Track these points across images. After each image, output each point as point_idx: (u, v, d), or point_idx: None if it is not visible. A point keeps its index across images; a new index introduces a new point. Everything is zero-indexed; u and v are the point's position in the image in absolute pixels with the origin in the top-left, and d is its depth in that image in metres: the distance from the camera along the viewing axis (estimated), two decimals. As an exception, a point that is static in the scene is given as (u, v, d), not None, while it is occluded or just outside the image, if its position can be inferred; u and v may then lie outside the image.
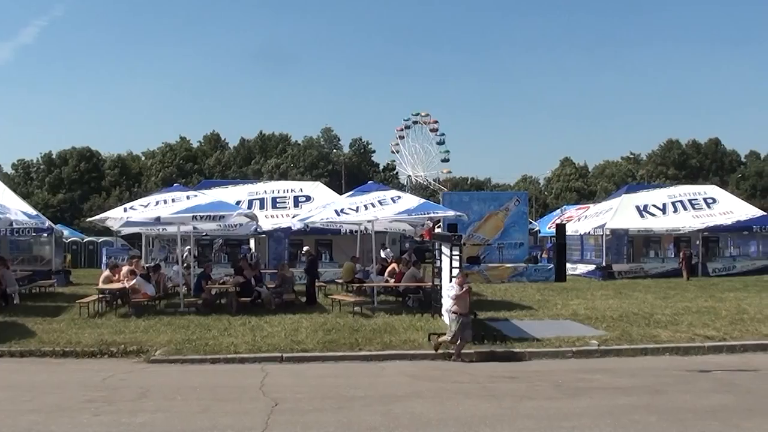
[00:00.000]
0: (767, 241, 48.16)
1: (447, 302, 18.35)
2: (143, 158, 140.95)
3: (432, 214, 28.33)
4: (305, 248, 36.70)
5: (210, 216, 26.65)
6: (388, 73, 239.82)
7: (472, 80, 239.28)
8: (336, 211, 28.61)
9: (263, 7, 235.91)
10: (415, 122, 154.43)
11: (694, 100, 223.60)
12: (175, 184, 33.85)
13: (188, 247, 32.50)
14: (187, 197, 27.50)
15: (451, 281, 19.03)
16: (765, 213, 49.33)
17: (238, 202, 37.44)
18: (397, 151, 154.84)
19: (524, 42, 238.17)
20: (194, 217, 26.45)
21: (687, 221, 46.92)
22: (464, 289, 18.37)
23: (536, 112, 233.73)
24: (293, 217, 36.98)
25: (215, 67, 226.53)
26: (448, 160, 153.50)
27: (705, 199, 49.65)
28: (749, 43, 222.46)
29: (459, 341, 18.09)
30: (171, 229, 30.40)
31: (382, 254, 34.35)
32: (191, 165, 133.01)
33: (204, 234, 35.52)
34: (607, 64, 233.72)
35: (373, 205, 28.01)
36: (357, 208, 28.26)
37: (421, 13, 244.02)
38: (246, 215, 28.54)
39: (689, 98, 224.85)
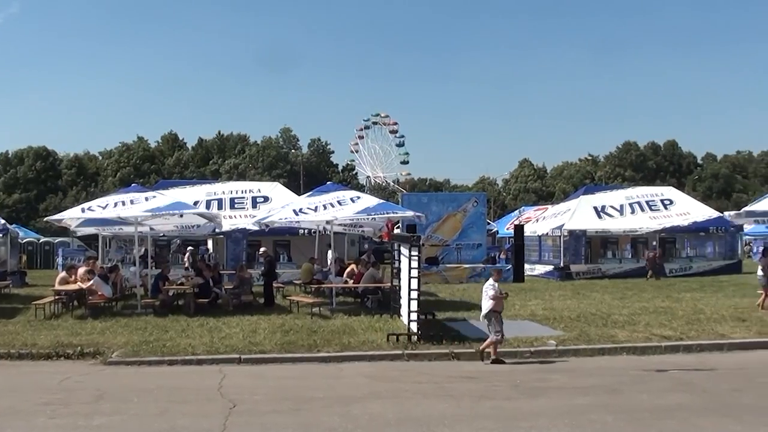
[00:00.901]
0: (723, 242, 48.59)
1: (487, 303, 18.18)
2: (100, 158, 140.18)
3: (391, 214, 28.31)
4: (262, 249, 36.63)
5: (170, 215, 26.55)
6: (346, 74, 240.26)
7: (431, 81, 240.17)
8: (295, 210, 28.51)
9: (221, 7, 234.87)
10: (375, 123, 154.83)
11: (653, 103, 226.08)
12: (132, 185, 33.61)
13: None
14: (146, 198, 27.33)
15: (489, 281, 18.74)
16: (721, 214, 49.55)
17: (196, 203, 37.26)
18: (357, 151, 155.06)
19: (483, 44, 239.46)
20: (181, 216, 26.29)
21: (644, 222, 47.22)
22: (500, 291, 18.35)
23: (495, 113, 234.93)
24: (252, 217, 36.86)
25: (173, 67, 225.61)
26: (407, 162, 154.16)
27: (662, 201, 49.96)
28: (705, 47, 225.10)
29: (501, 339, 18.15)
30: (128, 230, 30.17)
31: (329, 255, 34.35)
32: (149, 165, 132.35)
33: (161, 234, 35.31)
34: (566, 66, 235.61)
35: (332, 205, 27.93)
36: (316, 207, 28.18)
37: (380, 14, 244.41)
38: (208, 216, 28.40)
39: (647, 101, 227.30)
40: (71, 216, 27.96)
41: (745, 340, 20.06)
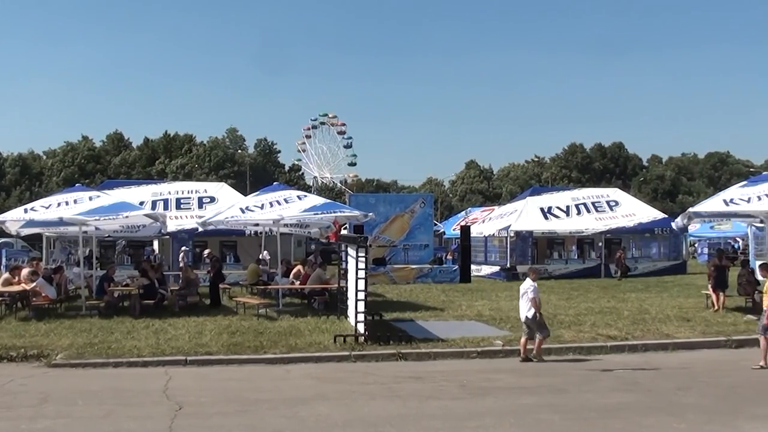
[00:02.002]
0: (668, 242, 49.04)
1: (525, 305, 18.17)
2: (44, 157, 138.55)
3: (338, 214, 28.28)
4: (207, 251, 36.44)
5: (114, 217, 26.26)
6: (293, 74, 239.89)
7: (378, 83, 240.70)
8: (241, 209, 28.39)
9: (165, 6, 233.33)
10: (323, 123, 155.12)
11: (599, 105, 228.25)
12: (77, 185, 33.23)
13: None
14: (90, 198, 27.00)
15: (528, 282, 18.48)
16: (666, 216, 50.25)
17: (141, 203, 36.85)
18: (304, 150, 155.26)
19: (430, 46, 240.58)
20: (126, 216, 26.00)
21: (590, 223, 47.51)
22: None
23: (442, 115, 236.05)
24: (198, 218, 36.65)
25: (118, 66, 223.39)
26: (355, 164, 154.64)
27: (608, 202, 50.23)
28: (650, 51, 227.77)
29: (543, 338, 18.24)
30: (72, 230, 29.82)
31: (261, 256, 34.22)
32: (94, 165, 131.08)
33: (106, 235, 34.97)
34: (512, 69, 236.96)
35: (279, 203, 27.80)
36: (262, 205, 28.05)
37: (329, 14, 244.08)
38: (153, 216, 28.14)
39: (594, 103, 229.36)
40: (13, 217, 27.56)
41: (689, 339, 20.31)
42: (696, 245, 70.15)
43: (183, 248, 33.04)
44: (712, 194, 34.02)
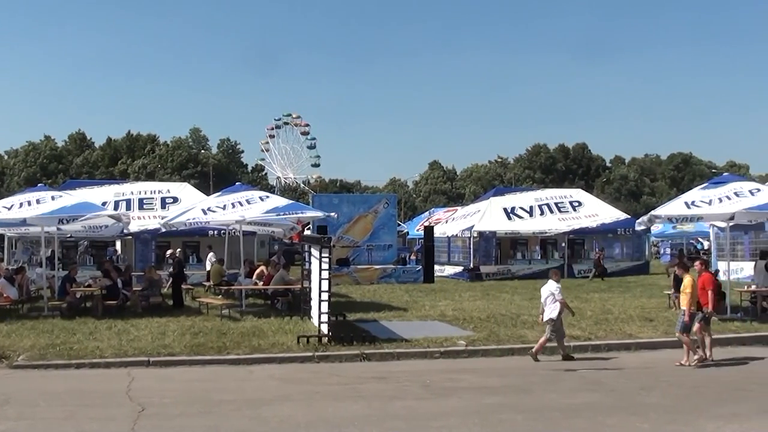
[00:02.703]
0: (631, 243, 49.33)
1: (551, 306, 18.32)
2: (6, 157, 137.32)
3: (301, 214, 28.26)
4: (169, 252, 36.29)
5: (77, 218, 26.07)
6: (257, 75, 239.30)
7: (342, 83, 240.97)
8: (203, 210, 28.28)
9: (128, 4, 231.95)
10: (286, 123, 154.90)
11: (562, 106, 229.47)
12: (39, 184, 32.99)
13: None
14: (52, 198, 26.82)
15: (551, 283, 18.79)
16: (629, 216, 50.52)
17: (104, 203, 36.60)
18: (267, 150, 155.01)
19: (395, 47, 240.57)
20: (61, 220, 25.77)
21: (553, 224, 47.63)
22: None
23: (405, 115, 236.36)
24: (161, 218, 36.46)
25: (80, 65, 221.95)
26: (318, 165, 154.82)
27: (571, 203, 50.36)
28: (612, 53, 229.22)
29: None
30: (34, 230, 29.64)
31: (209, 257, 34.12)
32: (56, 165, 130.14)
33: (68, 236, 34.73)
34: (476, 69, 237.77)
35: (241, 204, 27.68)
36: (224, 206, 27.93)
37: (293, 15, 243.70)
38: (116, 217, 27.96)
39: (557, 104, 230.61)
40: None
41: (652, 339, 20.48)
42: (659, 245, 70.64)
43: (178, 249, 32.77)
44: (675, 195, 34.38)
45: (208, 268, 34.20)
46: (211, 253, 35.33)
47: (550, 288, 18.47)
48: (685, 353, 17.55)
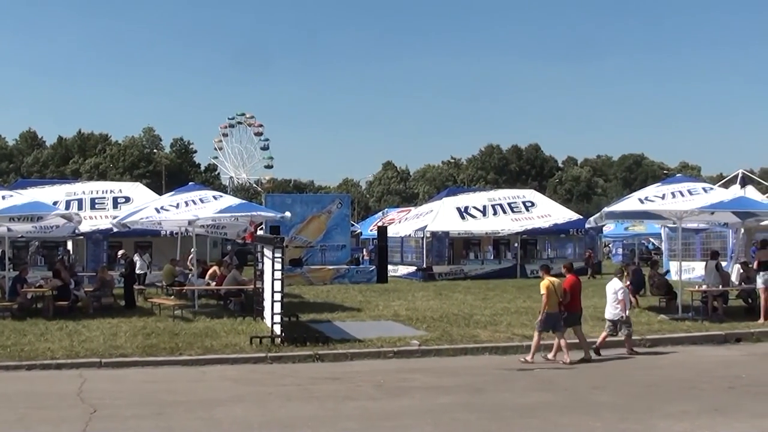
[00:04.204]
0: (583, 243, 49.64)
1: (614, 305, 18.51)
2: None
3: (254, 214, 28.21)
4: (121, 252, 36.06)
5: (27, 217, 25.83)
6: (209, 75, 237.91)
7: (295, 84, 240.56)
8: (156, 208, 28.16)
9: (74, 3, 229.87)
10: (240, 123, 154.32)
11: (515, 107, 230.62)
12: (-11, 184, 32.69)
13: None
14: (2, 197, 26.56)
15: (615, 281, 19.27)
16: (581, 216, 50.79)
17: (55, 203, 36.22)
18: (221, 148, 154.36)
19: (347, 50, 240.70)
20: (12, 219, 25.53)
21: (506, 224, 47.79)
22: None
23: (359, 116, 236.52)
24: (113, 218, 36.18)
25: (32, 63, 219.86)
26: (271, 167, 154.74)
27: (524, 203, 50.51)
28: (565, 55, 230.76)
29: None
30: (-15, 231, 29.34)
31: (136, 258, 33.92)
32: (6, 164, 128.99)
33: (19, 236, 34.38)
34: (428, 71, 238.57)
35: (194, 203, 27.59)
36: (177, 205, 27.86)
37: (246, 15, 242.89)
38: (67, 216, 27.73)
39: (510, 105, 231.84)
40: None
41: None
42: (610, 246, 71.20)
43: (192, 249, 32.41)
44: (627, 195, 34.50)
45: (139, 268, 33.72)
46: (145, 255, 35.21)
47: (614, 286, 18.95)
48: (532, 350, 18.04)
